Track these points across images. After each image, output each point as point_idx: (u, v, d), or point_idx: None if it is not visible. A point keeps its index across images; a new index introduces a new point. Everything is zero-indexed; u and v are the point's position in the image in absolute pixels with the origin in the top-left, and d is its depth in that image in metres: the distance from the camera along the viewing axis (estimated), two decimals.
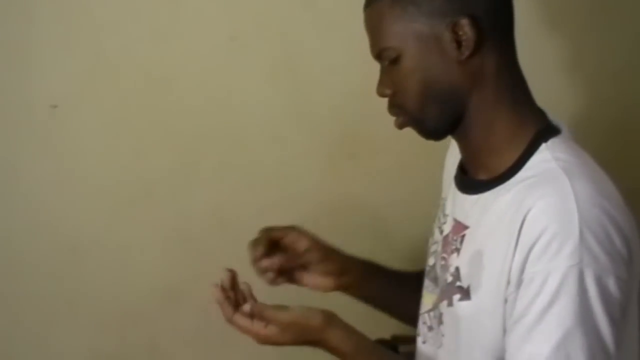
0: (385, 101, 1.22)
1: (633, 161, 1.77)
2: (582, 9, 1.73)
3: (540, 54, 1.68)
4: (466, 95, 1.16)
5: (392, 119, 1.43)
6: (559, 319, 1.04)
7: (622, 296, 1.06)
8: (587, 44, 1.74)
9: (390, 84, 1.19)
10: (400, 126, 1.22)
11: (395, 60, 1.16)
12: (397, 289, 1.43)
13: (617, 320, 1.06)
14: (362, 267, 1.41)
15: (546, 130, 1.16)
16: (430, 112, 1.18)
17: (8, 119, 1.61)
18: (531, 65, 1.22)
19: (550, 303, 1.04)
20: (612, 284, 1.05)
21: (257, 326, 1.17)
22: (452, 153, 1.34)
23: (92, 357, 1.69)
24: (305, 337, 1.18)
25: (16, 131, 1.61)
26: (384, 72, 1.21)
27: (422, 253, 1.38)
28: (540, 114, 1.20)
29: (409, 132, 1.23)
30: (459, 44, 1.13)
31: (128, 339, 1.69)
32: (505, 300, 1.10)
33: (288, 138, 1.69)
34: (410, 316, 1.36)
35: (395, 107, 1.21)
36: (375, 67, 1.21)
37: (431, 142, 1.26)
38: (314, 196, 1.71)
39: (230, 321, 1.19)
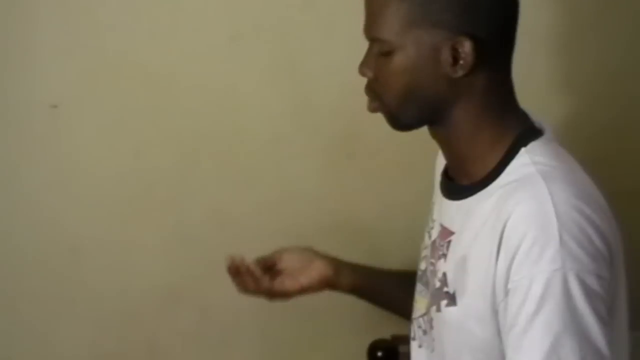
0: None
1: (631, 161, 1.77)
2: (582, 8, 1.73)
3: (540, 53, 1.68)
4: (448, 106, 1.15)
5: None
6: (547, 325, 1.04)
7: (606, 295, 1.06)
8: (586, 44, 1.74)
9: (374, 69, 1.18)
10: (373, 110, 1.21)
11: (387, 54, 1.15)
12: (394, 287, 1.43)
13: (605, 318, 1.06)
14: (357, 271, 1.40)
15: (527, 134, 1.16)
16: (407, 112, 1.17)
17: (8, 119, 1.61)
18: (531, 66, 1.22)
19: (537, 310, 1.04)
20: (595, 284, 1.05)
21: None
22: (440, 158, 1.33)
23: (92, 357, 1.69)
24: None
25: (16, 131, 1.61)
26: (371, 55, 1.19)
27: None
28: (522, 117, 1.19)
29: (409, 132, 1.24)
30: (455, 60, 1.12)
31: (128, 339, 1.69)
32: (496, 311, 1.10)
33: (288, 138, 1.69)
34: (409, 313, 1.36)
35: (371, 92, 1.20)
36: None
37: (431, 143, 1.26)
38: (314, 196, 1.71)
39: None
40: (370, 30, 1.17)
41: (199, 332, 1.72)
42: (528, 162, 1.13)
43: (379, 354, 1.62)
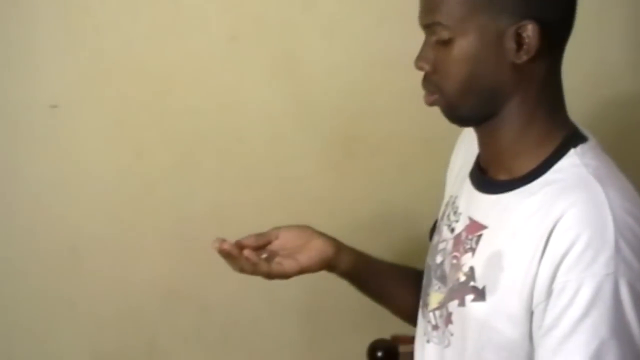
0: (384, 101, 1.21)
1: (633, 162, 1.77)
2: (583, 7, 1.73)
3: None
4: (508, 95, 1.13)
5: (392, 118, 1.43)
6: (594, 330, 1.03)
7: None
8: (587, 44, 1.74)
9: (432, 61, 1.15)
10: (431, 104, 1.18)
11: (447, 42, 1.12)
12: (391, 278, 1.41)
13: None
14: (357, 253, 1.38)
15: (575, 136, 1.15)
16: (468, 102, 1.14)
17: (8, 119, 1.61)
18: None
19: (584, 314, 1.03)
20: None
21: None
22: (460, 149, 1.31)
23: (92, 357, 1.69)
24: None
25: (16, 131, 1.62)
26: (428, 46, 1.15)
27: (422, 253, 1.38)
28: (569, 120, 1.18)
29: (409, 132, 1.24)
30: (519, 46, 1.10)
31: (128, 339, 1.69)
32: (532, 312, 1.08)
33: (288, 138, 1.69)
34: (404, 309, 1.35)
35: (430, 85, 1.17)
36: (374, 68, 1.21)
37: (431, 142, 1.26)
38: (314, 196, 1.71)
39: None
40: (429, 15, 1.14)
41: (199, 332, 1.72)
42: (578, 163, 1.11)
43: (379, 354, 1.63)
